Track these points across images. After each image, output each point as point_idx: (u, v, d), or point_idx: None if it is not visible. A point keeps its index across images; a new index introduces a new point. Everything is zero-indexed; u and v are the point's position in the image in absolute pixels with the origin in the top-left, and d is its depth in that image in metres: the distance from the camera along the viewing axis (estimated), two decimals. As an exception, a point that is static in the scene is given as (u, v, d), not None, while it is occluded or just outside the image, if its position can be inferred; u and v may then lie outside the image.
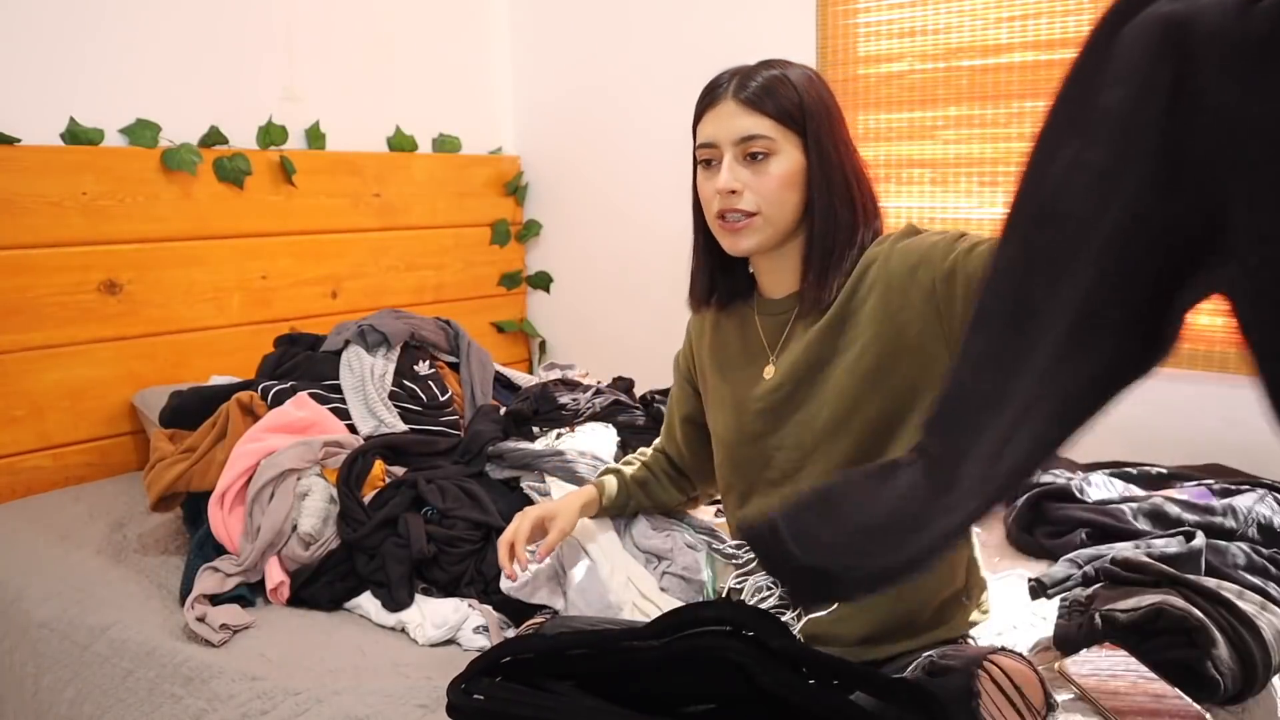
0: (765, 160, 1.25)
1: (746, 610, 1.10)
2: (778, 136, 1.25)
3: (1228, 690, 1.26)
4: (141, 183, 2.38)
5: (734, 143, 1.26)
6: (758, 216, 1.26)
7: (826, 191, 1.26)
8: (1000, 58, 2.42)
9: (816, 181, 1.26)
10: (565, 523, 1.47)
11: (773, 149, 1.25)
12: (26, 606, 1.76)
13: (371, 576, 1.69)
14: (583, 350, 3.25)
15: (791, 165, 1.26)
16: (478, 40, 3.24)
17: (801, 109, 1.26)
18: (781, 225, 1.28)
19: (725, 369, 1.41)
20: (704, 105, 1.31)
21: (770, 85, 1.26)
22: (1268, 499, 1.71)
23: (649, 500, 1.61)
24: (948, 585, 1.32)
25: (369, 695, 1.37)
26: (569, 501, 1.53)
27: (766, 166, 1.25)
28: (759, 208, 1.26)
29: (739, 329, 1.40)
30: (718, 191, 1.27)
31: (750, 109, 1.25)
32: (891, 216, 2.63)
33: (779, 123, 1.25)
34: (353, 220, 2.83)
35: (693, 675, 1.08)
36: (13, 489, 2.23)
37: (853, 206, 1.28)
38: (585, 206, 3.22)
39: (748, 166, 1.26)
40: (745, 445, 1.36)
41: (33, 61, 2.25)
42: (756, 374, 1.36)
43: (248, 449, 1.83)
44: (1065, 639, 1.38)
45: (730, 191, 1.26)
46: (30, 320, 2.22)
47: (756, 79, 1.26)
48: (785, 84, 1.26)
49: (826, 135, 1.27)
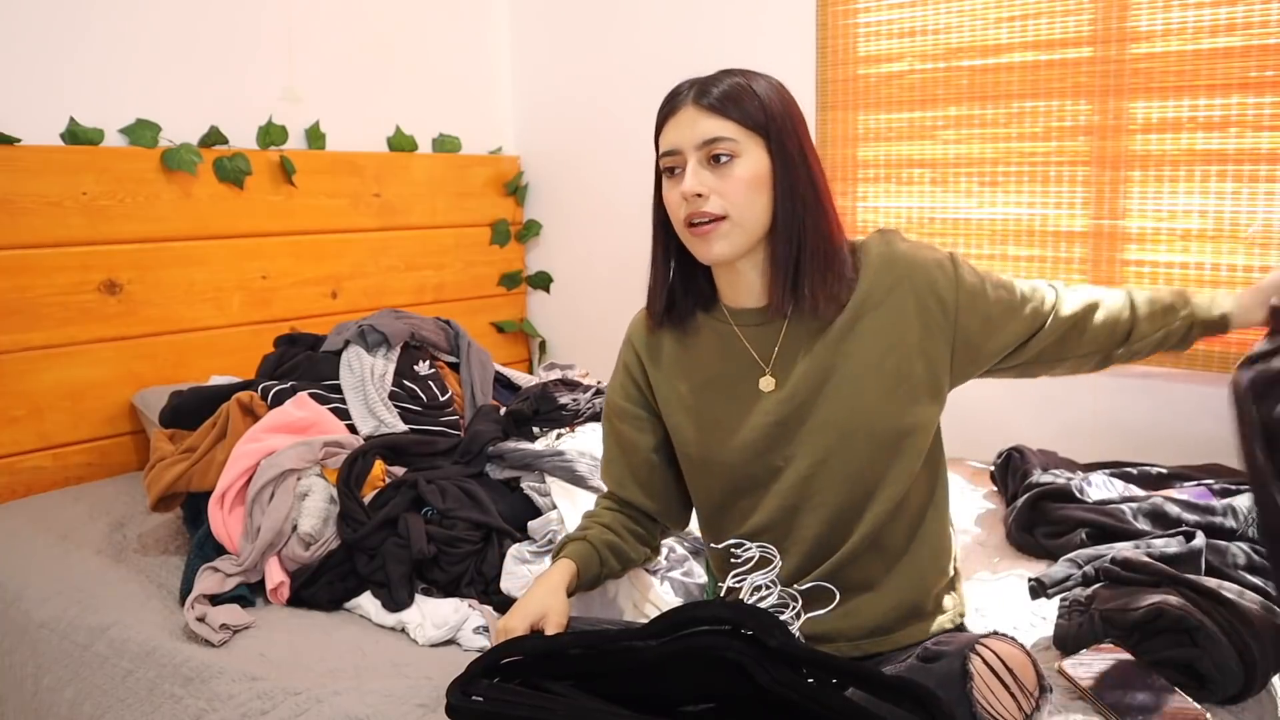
0: (730, 163, 1.24)
1: (744, 609, 1.10)
2: (741, 139, 1.24)
3: (1227, 690, 1.26)
4: (141, 183, 2.38)
5: (697, 147, 1.24)
6: (725, 220, 1.24)
7: (793, 194, 1.25)
8: (1000, 58, 2.42)
9: (782, 184, 1.25)
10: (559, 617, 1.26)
11: (736, 151, 1.24)
12: (26, 606, 1.76)
13: (371, 576, 1.69)
14: (583, 350, 3.25)
15: (757, 167, 1.24)
16: (478, 40, 3.24)
17: (765, 113, 1.24)
18: (751, 229, 1.25)
19: (708, 387, 1.35)
20: (665, 113, 1.29)
21: (732, 91, 1.25)
22: None
23: (620, 565, 1.42)
24: (944, 575, 1.35)
25: (369, 695, 1.37)
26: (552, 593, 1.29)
27: (731, 169, 1.24)
28: (726, 210, 1.24)
29: (715, 343, 1.35)
30: (683, 196, 1.25)
31: (712, 113, 1.24)
32: (891, 217, 2.63)
33: (742, 126, 1.24)
34: (353, 220, 2.83)
35: (691, 674, 1.09)
36: (13, 489, 2.23)
37: (822, 210, 1.27)
38: (585, 206, 3.22)
39: (712, 170, 1.24)
40: (752, 462, 1.32)
41: (33, 61, 2.25)
42: (751, 388, 1.32)
43: (248, 449, 1.83)
44: (1065, 639, 1.38)
45: (695, 195, 1.24)
46: (30, 320, 2.22)
47: (718, 85, 1.25)
48: (747, 90, 1.25)
49: (791, 140, 1.26)
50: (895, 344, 1.27)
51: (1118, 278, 2.32)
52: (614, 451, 1.46)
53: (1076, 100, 2.32)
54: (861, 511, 1.28)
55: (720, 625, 1.08)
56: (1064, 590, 1.52)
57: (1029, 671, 1.04)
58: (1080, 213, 2.36)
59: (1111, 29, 2.26)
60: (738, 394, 1.33)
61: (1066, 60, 2.33)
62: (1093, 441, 2.33)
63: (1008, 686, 1.02)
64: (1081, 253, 2.37)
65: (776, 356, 1.31)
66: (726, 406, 1.33)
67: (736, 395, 1.33)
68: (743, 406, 1.32)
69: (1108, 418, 2.35)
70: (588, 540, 1.39)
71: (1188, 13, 2.16)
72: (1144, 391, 2.31)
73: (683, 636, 1.08)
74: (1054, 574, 1.61)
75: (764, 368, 1.32)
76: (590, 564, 1.37)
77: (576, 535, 1.41)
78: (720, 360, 1.34)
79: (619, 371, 1.45)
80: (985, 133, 2.46)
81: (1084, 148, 2.33)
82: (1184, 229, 2.23)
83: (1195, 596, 1.35)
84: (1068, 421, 2.38)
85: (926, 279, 1.28)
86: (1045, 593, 1.52)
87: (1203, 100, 2.17)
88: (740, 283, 1.32)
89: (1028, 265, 2.44)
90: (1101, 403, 2.36)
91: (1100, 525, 1.72)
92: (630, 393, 1.43)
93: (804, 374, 1.28)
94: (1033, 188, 2.42)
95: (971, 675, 1.02)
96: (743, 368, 1.33)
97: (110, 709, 1.55)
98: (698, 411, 1.35)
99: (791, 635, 1.07)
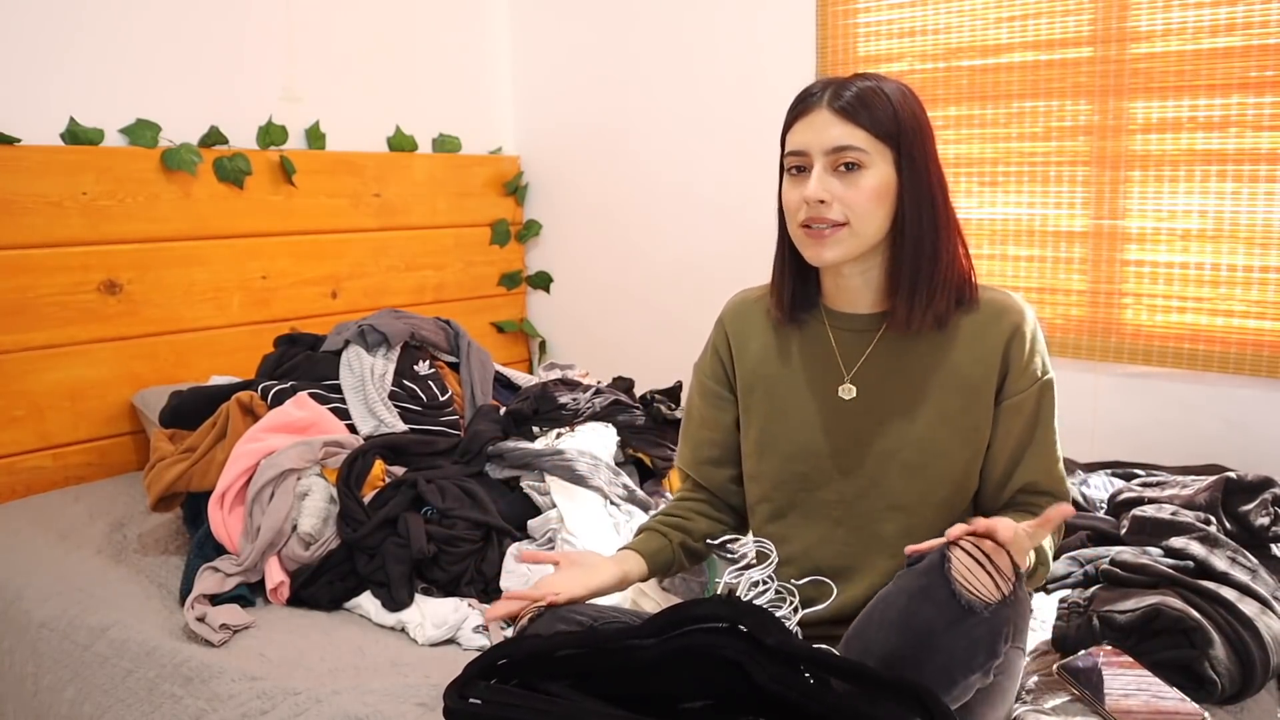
0: (857, 172, 1.23)
1: (741, 607, 1.10)
2: (870, 149, 1.23)
3: (1225, 690, 1.26)
4: (141, 183, 2.38)
5: (825, 152, 1.24)
6: (845, 227, 1.24)
7: (917, 209, 1.25)
8: (1000, 58, 2.42)
9: (909, 198, 1.25)
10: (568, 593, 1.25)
11: (865, 161, 1.23)
12: (26, 606, 1.76)
13: (371, 576, 1.69)
14: (583, 350, 3.25)
15: (883, 179, 1.24)
16: (478, 40, 3.24)
17: (896, 123, 1.24)
18: (867, 238, 1.26)
19: (787, 379, 1.37)
20: (796, 113, 1.29)
21: (865, 96, 1.24)
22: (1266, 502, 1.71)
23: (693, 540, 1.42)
24: None
25: (369, 695, 1.37)
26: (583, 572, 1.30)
27: (858, 179, 1.23)
28: (847, 218, 1.24)
29: (804, 339, 1.37)
30: (805, 200, 1.25)
31: (844, 119, 1.23)
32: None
33: (872, 135, 1.23)
34: (353, 220, 2.83)
35: (689, 672, 1.08)
36: (13, 489, 2.23)
37: (939, 227, 1.27)
38: (585, 206, 3.23)
39: (838, 177, 1.24)
40: (803, 460, 1.34)
41: (33, 61, 2.25)
42: (830, 389, 1.34)
43: (248, 449, 1.83)
44: (1064, 640, 1.38)
45: (819, 201, 1.23)
46: (30, 320, 2.22)
47: (851, 89, 1.24)
48: (880, 96, 1.24)
49: (919, 152, 1.25)
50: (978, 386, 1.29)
51: (1118, 277, 2.32)
52: (692, 428, 1.48)
53: (1076, 100, 2.32)
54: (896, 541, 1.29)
55: (717, 623, 1.08)
56: (1064, 586, 1.53)
57: (1003, 556, 1.08)
58: (1080, 213, 2.36)
59: (1111, 29, 2.26)
60: (815, 393, 1.34)
61: (1066, 60, 2.33)
62: (1093, 441, 2.33)
63: (985, 567, 1.06)
64: (1081, 253, 2.37)
65: (861, 366, 1.32)
66: (801, 402, 1.35)
67: (813, 394, 1.34)
68: (816, 405, 1.34)
69: (1108, 418, 2.35)
70: (652, 527, 1.43)
71: (1188, 13, 2.16)
72: (1144, 391, 2.31)
73: (680, 635, 1.08)
74: (1055, 570, 1.61)
75: (845, 374, 1.33)
76: (650, 542, 1.39)
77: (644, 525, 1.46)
78: (805, 357, 1.36)
79: (708, 350, 1.47)
80: (985, 133, 2.46)
81: (1084, 148, 2.33)
82: (1184, 229, 2.23)
83: (1194, 598, 1.35)
84: (1067, 421, 2.36)
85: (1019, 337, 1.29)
86: (1045, 588, 1.52)
87: (1203, 100, 2.17)
88: (845, 286, 1.33)
89: (1028, 265, 2.44)
90: (1101, 403, 2.36)
91: (1099, 531, 1.73)
92: (716, 372, 1.45)
93: (882, 388, 1.30)
94: (1033, 188, 2.42)
95: (949, 559, 1.06)
96: (826, 368, 1.34)
97: (110, 709, 1.55)
98: (776, 403, 1.37)
99: (788, 632, 1.07)
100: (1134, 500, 1.79)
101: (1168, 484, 1.85)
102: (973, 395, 1.29)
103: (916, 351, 1.31)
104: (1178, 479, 1.87)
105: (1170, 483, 1.85)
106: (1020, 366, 1.29)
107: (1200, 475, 1.88)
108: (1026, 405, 1.30)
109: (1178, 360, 2.25)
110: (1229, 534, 1.64)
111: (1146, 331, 2.30)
